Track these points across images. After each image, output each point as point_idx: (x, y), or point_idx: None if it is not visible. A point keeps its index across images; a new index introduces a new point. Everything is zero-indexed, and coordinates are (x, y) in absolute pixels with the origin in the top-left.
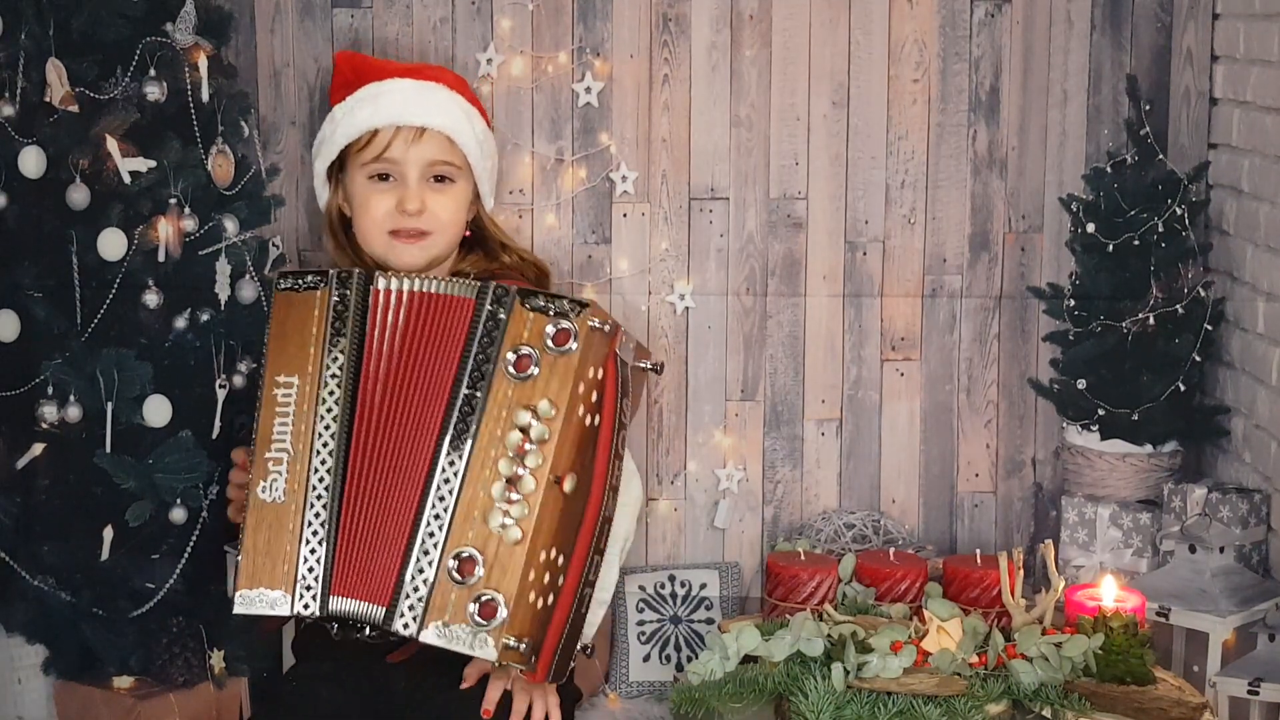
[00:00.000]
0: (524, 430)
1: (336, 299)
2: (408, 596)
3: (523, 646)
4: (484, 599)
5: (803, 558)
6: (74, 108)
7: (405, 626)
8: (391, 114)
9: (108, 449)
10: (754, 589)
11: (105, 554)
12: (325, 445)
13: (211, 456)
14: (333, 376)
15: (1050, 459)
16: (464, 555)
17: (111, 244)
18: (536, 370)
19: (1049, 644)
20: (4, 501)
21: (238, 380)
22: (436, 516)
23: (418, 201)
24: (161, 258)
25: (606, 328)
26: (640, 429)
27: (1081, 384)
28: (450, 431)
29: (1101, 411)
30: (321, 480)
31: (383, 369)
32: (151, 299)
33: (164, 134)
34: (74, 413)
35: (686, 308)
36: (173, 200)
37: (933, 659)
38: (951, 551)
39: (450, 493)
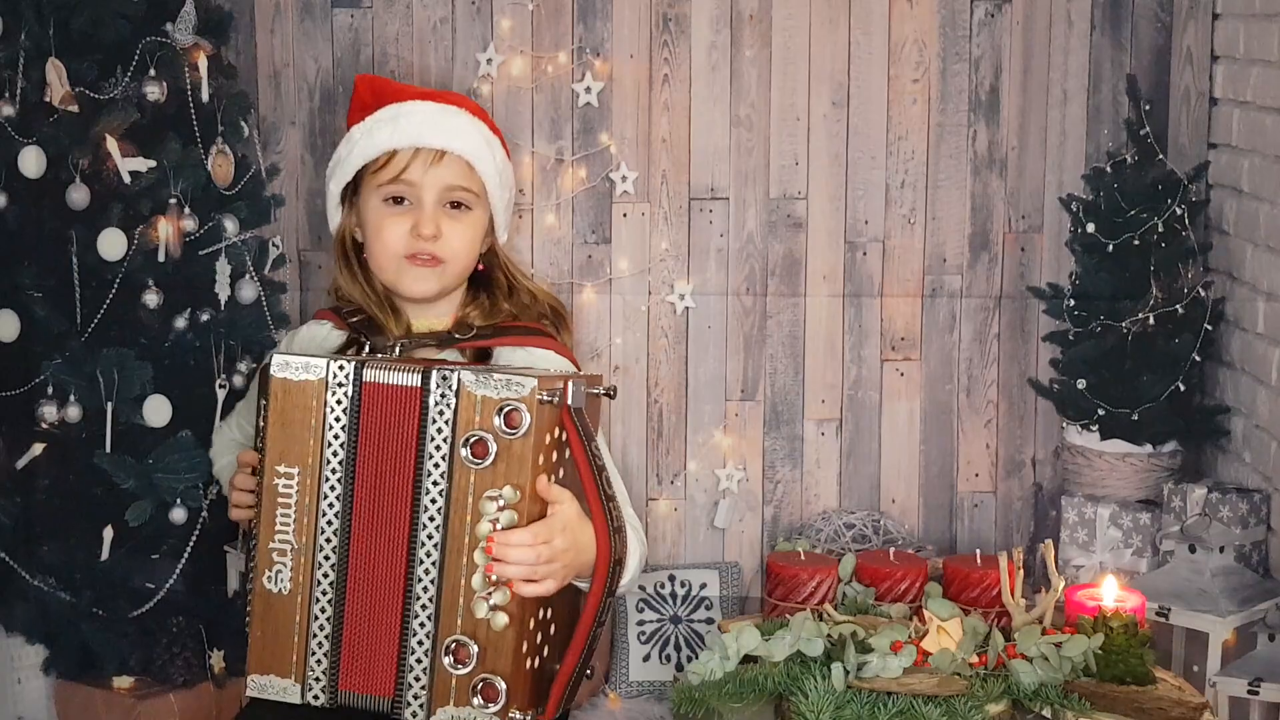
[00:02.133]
0: (492, 520)
1: (333, 390)
2: (410, 686)
3: (529, 716)
4: (483, 684)
5: (803, 558)
6: (74, 108)
7: (414, 715)
8: (412, 135)
9: (108, 449)
10: (754, 589)
11: (105, 554)
12: (329, 540)
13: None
14: (333, 471)
15: (1050, 459)
16: (454, 644)
17: (111, 244)
18: (494, 453)
19: (1049, 644)
20: (4, 501)
21: (238, 380)
22: (423, 607)
23: (433, 225)
24: (161, 258)
25: (555, 399)
26: (640, 428)
27: (1081, 384)
28: (421, 524)
29: (1101, 411)
30: (326, 575)
31: (370, 460)
32: (151, 299)
33: (164, 134)
34: (74, 413)
35: (686, 308)
36: (173, 200)
37: (933, 659)
38: (951, 551)
39: (431, 583)
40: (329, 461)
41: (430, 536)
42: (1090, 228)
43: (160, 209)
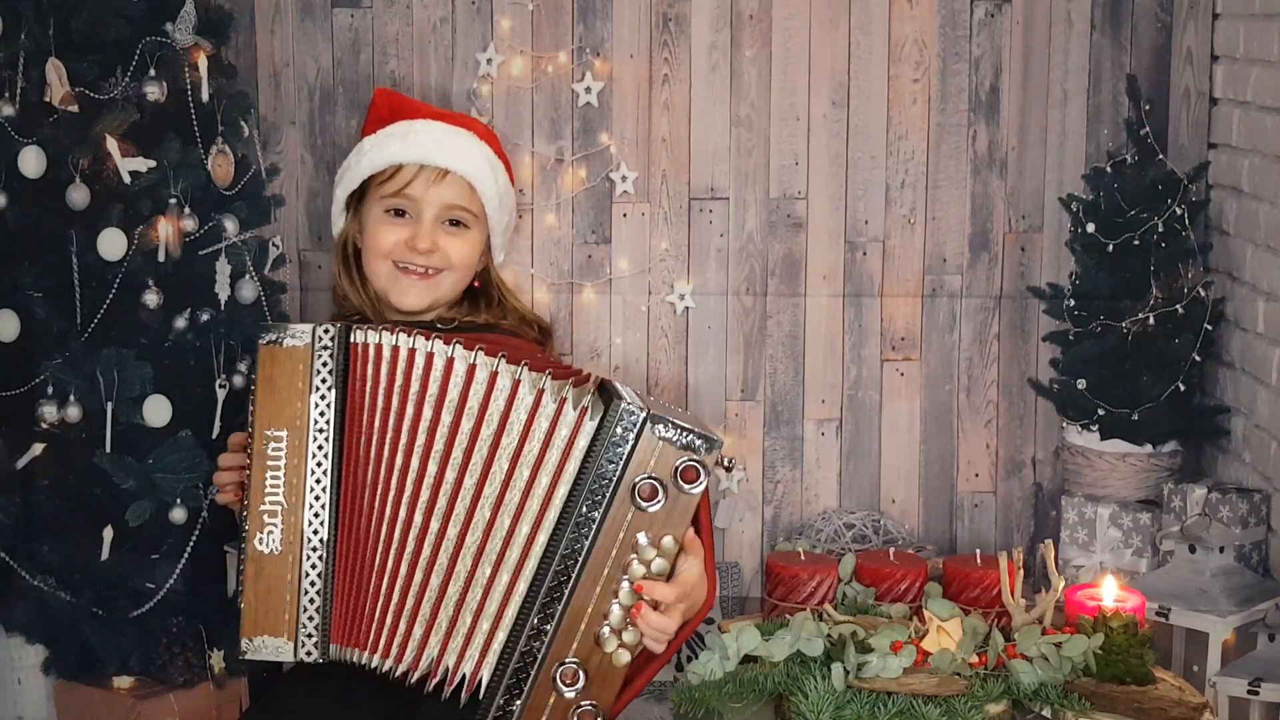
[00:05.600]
0: (646, 563)
1: (319, 353)
2: (507, 692)
3: None
4: (581, 711)
5: (803, 558)
6: (74, 108)
7: (499, 717)
8: (418, 152)
9: (108, 449)
10: (754, 589)
11: (105, 554)
12: (318, 498)
13: (211, 456)
14: (320, 430)
15: (1050, 459)
16: (566, 668)
17: (111, 244)
18: (662, 502)
19: (1049, 644)
20: (4, 501)
21: (238, 380)
22: (542, 620)
23: (429, 240)
24: (161, 258)
25: (728, 462)
26: None
27: (1081, 384)
28: (563, 543)
29: (1101, 411)
30: (316, 533)
31: (378, 424)
32: (151, 299)
33: (164, 134)
34: (74, 413)
35: (686, 308)
36: (173, 200)
37: (933, 659)
38: (951, 551)
39: (559, 599)
40: (315, 421)
41: (573, 558)
42: (1090, 228)
43: (160, 209)
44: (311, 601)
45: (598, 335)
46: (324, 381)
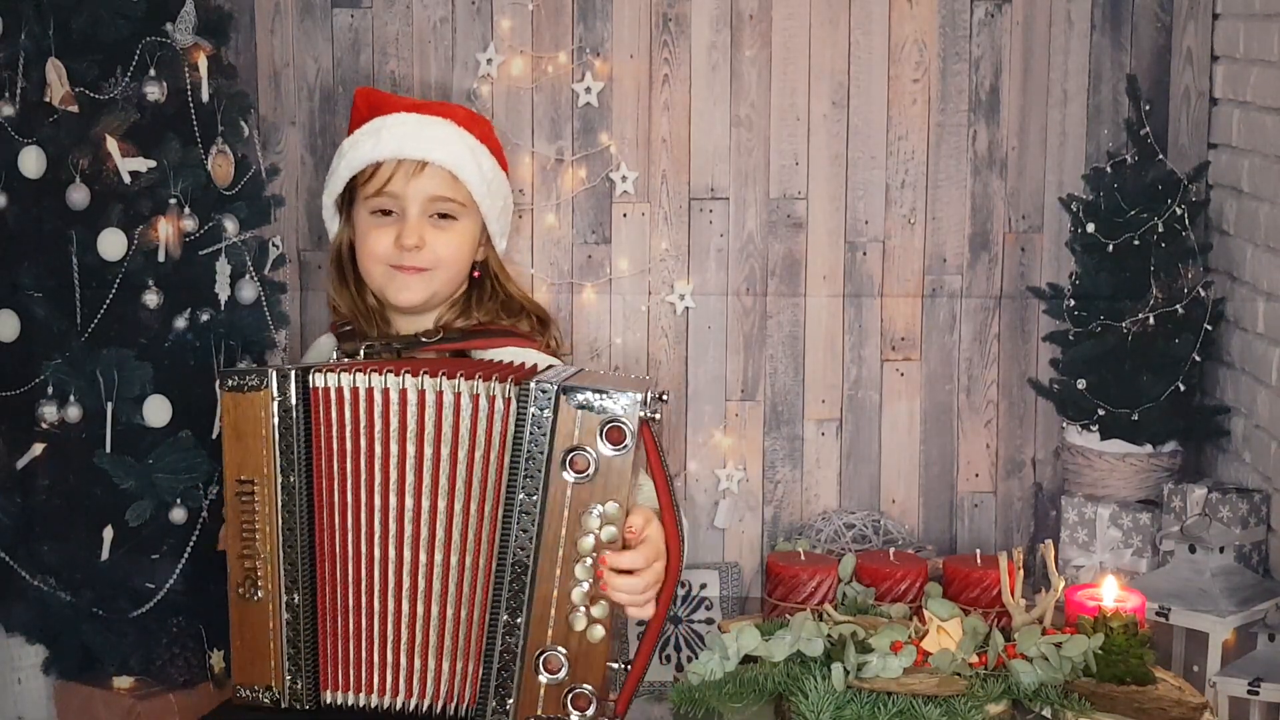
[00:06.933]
0: (595, 533)
1: (278, 399)
2: (497, 694)
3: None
4: (575, 693)
5: (803, 558)
6: (74, 108)
7: None
8: (392, 147)
9: (108, 449)
10: (754, 589)
11: (105, 554)
12: (291, 547)
13: (211, 456)
14: (287, 478)
15: (1050, 459)
16: (547, 655)
17: (111, 244)
18: (594, 470)
19: (1049, 644)
20: (4, 501)
21: None
22: (513, 615)
23: (415, 236)
24: (161, 258)
25: (658, 415)
26: None
27: (1081, 384)
28: (513, 535)
29: (1101, 411)
30: (294, 582)
31: (339, 466)
32: (151, 299)
33: (164, 134)
34: (74, 413)
35: (686, 308)
36: (173, 200)
37: (933, 659)
38: (951, 551)
39: (522, 590)
40: (283, 469)
41: (524, 549)
42: (1090, 228)
43: (160, 209)
44: (295, 649)
45: (598, 335)
46: (288, 429)
